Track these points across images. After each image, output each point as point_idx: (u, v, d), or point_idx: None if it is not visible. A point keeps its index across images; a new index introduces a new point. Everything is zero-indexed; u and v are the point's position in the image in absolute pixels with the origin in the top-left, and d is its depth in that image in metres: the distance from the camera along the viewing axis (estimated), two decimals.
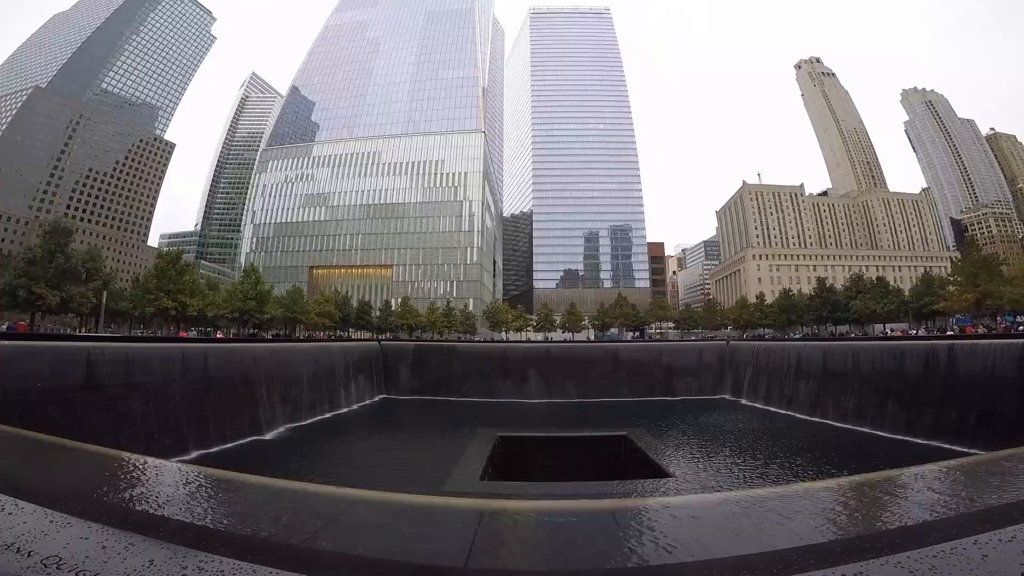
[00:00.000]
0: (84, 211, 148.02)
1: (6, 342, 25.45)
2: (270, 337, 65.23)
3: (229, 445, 33.42)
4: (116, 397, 27.77)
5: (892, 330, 68.57)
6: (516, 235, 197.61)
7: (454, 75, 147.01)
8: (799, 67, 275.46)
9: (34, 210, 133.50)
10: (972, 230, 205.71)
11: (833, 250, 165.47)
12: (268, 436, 37.92)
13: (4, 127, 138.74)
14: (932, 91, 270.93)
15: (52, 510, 2.53)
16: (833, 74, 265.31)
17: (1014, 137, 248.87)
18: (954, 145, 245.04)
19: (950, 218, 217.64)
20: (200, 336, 55.94)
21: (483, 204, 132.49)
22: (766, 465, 30.47)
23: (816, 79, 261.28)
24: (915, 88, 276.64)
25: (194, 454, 29.85)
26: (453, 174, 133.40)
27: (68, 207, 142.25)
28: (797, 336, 75.06)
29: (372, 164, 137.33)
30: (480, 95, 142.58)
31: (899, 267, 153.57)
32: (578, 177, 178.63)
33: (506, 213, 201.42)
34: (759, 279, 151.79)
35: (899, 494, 3.52)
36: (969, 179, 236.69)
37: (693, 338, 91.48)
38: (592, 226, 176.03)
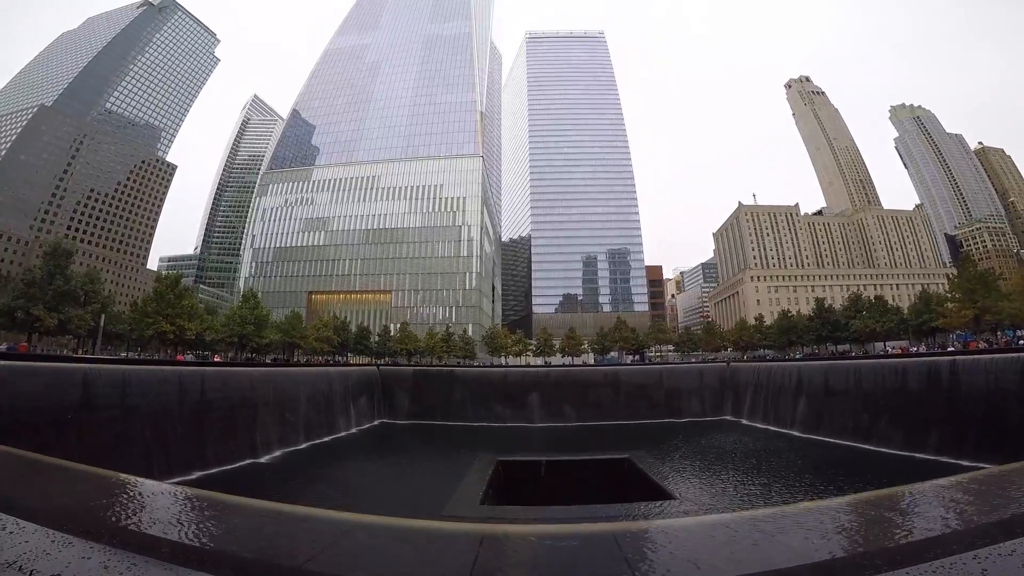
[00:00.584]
0: (84, 232, 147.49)
1: (1, 362, 25.37)
2: (268, 361, 64.81)
3: (226, 468, 33.11)
4: (112, 419, 27.65)
5: (893, 348, 68.45)
6: (515, 260, 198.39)
7: (452, 100, 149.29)
8: (789, 86, 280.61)
9: (35, 230, 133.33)
10: (967, 245, 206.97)
11: (830, 269, 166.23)
12: (265, 460, 37.48)
13: (9, 145, 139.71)
14: (920, 107, 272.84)
15: (54, 530, 2.53)
16: (823, 92, 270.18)
17: (1002, 151, 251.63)
18: (944, 160, 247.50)
19: (945, 234, 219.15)
20: (197, 359, 55.63)
21: (481, 229, 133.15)
22: (770, 485, 30.09)
23: (806, 98, 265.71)
24: (903, 104, 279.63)
25: (190, 476, 29.54)
26: (452, 199, 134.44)
27: (69, 228, 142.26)
28: (798, 356, 74.86)
29: (371, 188, 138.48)
30: (478, 119, 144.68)
31: (897, 285, 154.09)
32: (576, 201, 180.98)
33: (505, 238, 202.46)
34: (758, 301, 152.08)
35: (901, 510, 3.51)
36: (961, 194, 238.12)
37: (693, 360, 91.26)
38: (590, 250, 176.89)
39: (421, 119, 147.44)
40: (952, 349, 50.33)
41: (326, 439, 47.11)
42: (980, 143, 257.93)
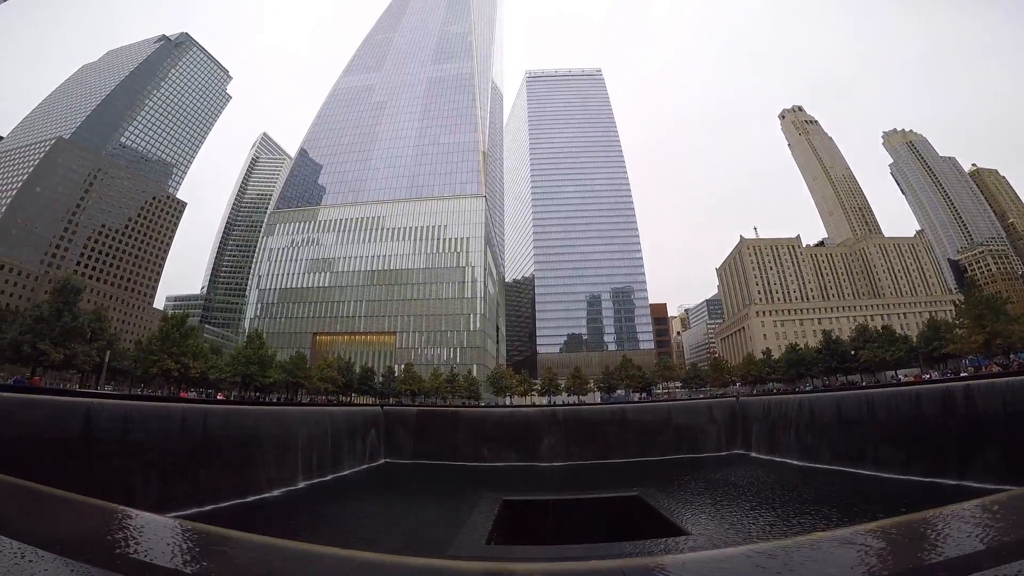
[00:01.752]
0: (94, 269, 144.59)
1: (5, 394, 25.51)
2: (274, 401, 64.33)
3: (227, 503, 32.62)
4: (112, 452, 27.62)
5: (904, 376, 67.26)
6: (518, 300, 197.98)
7: (456, 140, 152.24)
8: (783, 116, 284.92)
9: (45, 264, 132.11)
10: (972, 270, 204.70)
11: (836, 301, 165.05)
12: (267, 496, 36.80)
13: (26, 176, 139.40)
14: (912, 131, 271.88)
15: (71, 559, 2.59)
16: (816, 121, 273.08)
17: (996, 171, 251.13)
18: (940, 184, 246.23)
19: (948, 259, 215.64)
20: (201, 397, 55.32)
21: (485, 270, 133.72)
22: (786, 517, 29.11)
23: (800, 127, 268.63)
24: (895, 130, 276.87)
25: (190, 511, 29.02)
26: (455, 239, 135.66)
27: (78, 264, 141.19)
28: (807, 388, 73.62)
29: (376, 229, 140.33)
30: (481, 159, 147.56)
31: (904, 314, 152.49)
32: (578, 240, 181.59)
33: (508, 278, 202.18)
34: (764, 335, 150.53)
35: (919, 535, 3.50)
36: (960, 218, 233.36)
37: (702, 396, 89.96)
38: (594, 289, 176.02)
39: (425, 159, 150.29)
40: (965, 375, 49.49)
41: (328, 478, 46.23)
42: (974, 165, 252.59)
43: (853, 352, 75.68)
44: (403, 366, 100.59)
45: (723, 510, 33.22)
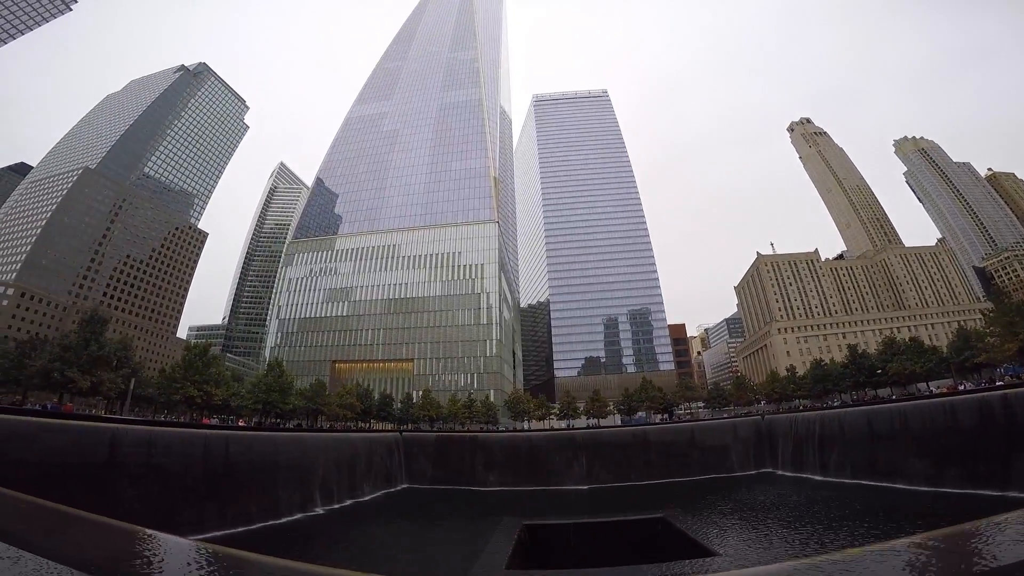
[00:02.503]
0: (119, 300, 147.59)
1: (33, 419, 26.23)
2: (292, 427, 64.66)
3: (248, 527, 32.67)
4: (137, 476, 28.07)
5: (937, 388, 64.79)
6: (534, 325, 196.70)
7: (467, 166, 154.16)
8: (792, 129, 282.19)
9: (72, 295, 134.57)
10: (998, 276, 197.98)
11: (860, 315, 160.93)
12: (287, 520, 36.69)
13: (55, 207, 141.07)
14: (923, 139, 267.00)
15: None
16: (825, 133, 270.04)
17: (1014, 175, 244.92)
18: (957, 190, 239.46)
19: (973, 267, 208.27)
20: (222, 423, 55.90)
21: (500, 295, 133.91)
22: (821, 534, 27.94)
23: (810, 139, 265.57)
24: (905, 137, 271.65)
25: (211, 534, 29.10)
26: (470, 266, 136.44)
27: (104, 294, 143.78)
28: (835, 404, 71.37)
29: (392, 257, 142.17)
30: (492, 185, 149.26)
31: (932, 324, 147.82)
32: (592, 264, 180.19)
33: (523, 303, 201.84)
34: (787, 352, 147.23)
35: (968, 545, 3.28)
36: (981, 223, 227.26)
37: (725, 416, 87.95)
38: (610, 312, 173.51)
39: (438, 186, 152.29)
40: (1001, 384, 47.57)
41: (347, 503, 45.93)
42: (990, 169, 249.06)
43: (881, 366, 73.44)
44: (421, 392, 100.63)
45: (752, 530, 32.07)
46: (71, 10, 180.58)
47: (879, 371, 73.20)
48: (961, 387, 55.39)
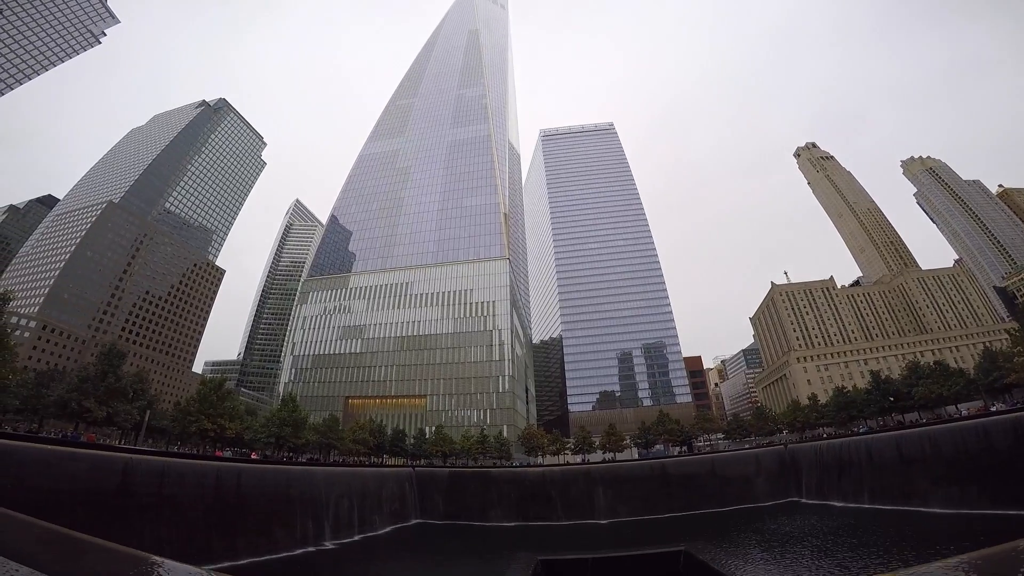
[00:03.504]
0: (137, 334, 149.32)
1: (49, 446, 26.42)
2: (304, 461, 64.04)
3: (259, 559, 31.99)
4: (147, 505, 27.85)
5: (967, 410, 62.33)
6: (547, 360, 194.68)
7: (477, 202, 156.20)
8: (798, 155, 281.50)
9: (92, 329, 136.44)
10: (1021, 295, 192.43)
11: (880, 341, 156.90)
12: (297, 553, 35.84)
13: (79, 241, 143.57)
14: (930, 158, 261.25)
15: None
16: (832, 157, 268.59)
17: None
18: (970, 209, 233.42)
19: (994, 287, 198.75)
20: (235, 456, 55.63)
21: (512, 332, 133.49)
22: (852, 562, 26.51)
23: (817, 164, 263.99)
24: (912, 157, 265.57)
25: (221, 564, 28.62)
26: (482, 304, 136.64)
27: (123, 328, 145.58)
28: (862, 430, 68.87)
29: (404, 295, 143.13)
30: (503, 221, 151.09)
31: (956, 347, 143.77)
32: (604, 298, 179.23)
33: (536, 338, 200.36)
34: (808, 380, 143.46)
35: (1015, 564, 3.13)
36: (998, 241, 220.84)
37: (747, 446, 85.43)
38: (624, 346, 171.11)
39: (449, 223, 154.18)
40: None
41: (358, 537, 44.78)
42: (1001, 186, 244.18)
43: (907, 390, 71.23)
44: (434, 428, 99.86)
45: (779, 560, 30.64)
46: (100, 43, 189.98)
47: (905, 392, 70.97)
48: (993, 408, 53.32)
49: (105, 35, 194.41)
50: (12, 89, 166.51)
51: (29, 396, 44.86)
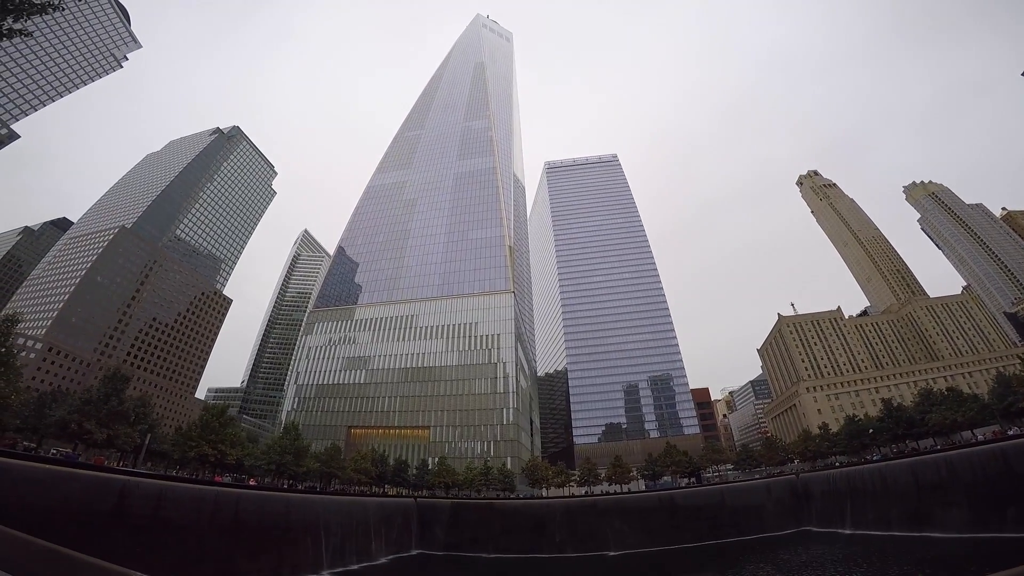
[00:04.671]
0: (142, 359, 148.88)
1: (47, 466, 26.13)
2: (302, 488, 62.78)
3: None
4: (143, 527, 27.35)
5: (982, 435, 60.64)
6: (552, 393, 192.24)
7: (483, 235, 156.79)
8: (800, 184, 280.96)
9: (98, 353, 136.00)
10: None
11: (891, 369, 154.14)
12: None
13: (89, 265, 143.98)
14: (932, 182, 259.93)
15: None
16: (834, 184, 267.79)
17: None
18: (975, 234, 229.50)
19: (1004, 312, 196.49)
20: (235, 482, 54.55)
21: (516, 365, 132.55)
22: None
23: (819, 192, 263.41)
24: (914, 182, 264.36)
25: None
26: (486, 336, 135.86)
27: (129, 353, 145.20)
28: (876, 458, 67.02)
29: (409, 328, 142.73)
30: (507, 254, 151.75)
31: (968, 373, 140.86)
32: (609, 330, 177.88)
33: (540, 371, 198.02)
34: (819, 410, 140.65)
35: None
36: (1005, 266, 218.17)
37: (757, 477, 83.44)
38: (630, 378, 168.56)
39: (455, 255, 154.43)
40: None
41: (356, 567, 43.40)
42: (1004, 209, 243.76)
43: (920, 417, 69.71)
44: (437, 459, 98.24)
45: None
46: (121, 67, 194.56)
47: (919, 419, 69.41)
48: (1010, 432, 51.96)
49: (127, 59, 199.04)
50: (36, 110, 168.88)
51: (30, 416, 44.62)
